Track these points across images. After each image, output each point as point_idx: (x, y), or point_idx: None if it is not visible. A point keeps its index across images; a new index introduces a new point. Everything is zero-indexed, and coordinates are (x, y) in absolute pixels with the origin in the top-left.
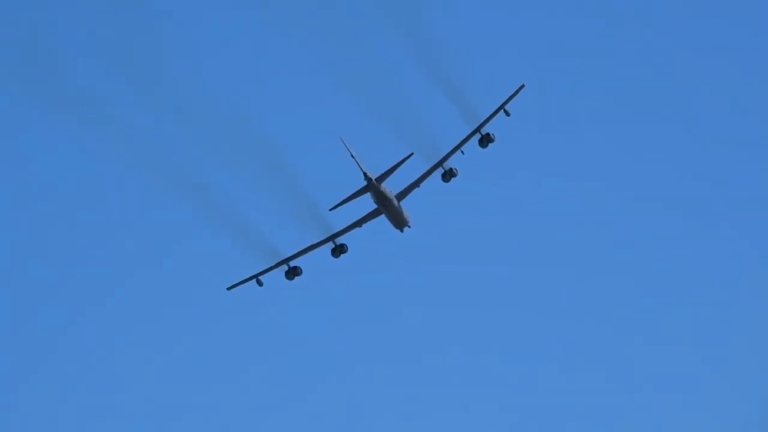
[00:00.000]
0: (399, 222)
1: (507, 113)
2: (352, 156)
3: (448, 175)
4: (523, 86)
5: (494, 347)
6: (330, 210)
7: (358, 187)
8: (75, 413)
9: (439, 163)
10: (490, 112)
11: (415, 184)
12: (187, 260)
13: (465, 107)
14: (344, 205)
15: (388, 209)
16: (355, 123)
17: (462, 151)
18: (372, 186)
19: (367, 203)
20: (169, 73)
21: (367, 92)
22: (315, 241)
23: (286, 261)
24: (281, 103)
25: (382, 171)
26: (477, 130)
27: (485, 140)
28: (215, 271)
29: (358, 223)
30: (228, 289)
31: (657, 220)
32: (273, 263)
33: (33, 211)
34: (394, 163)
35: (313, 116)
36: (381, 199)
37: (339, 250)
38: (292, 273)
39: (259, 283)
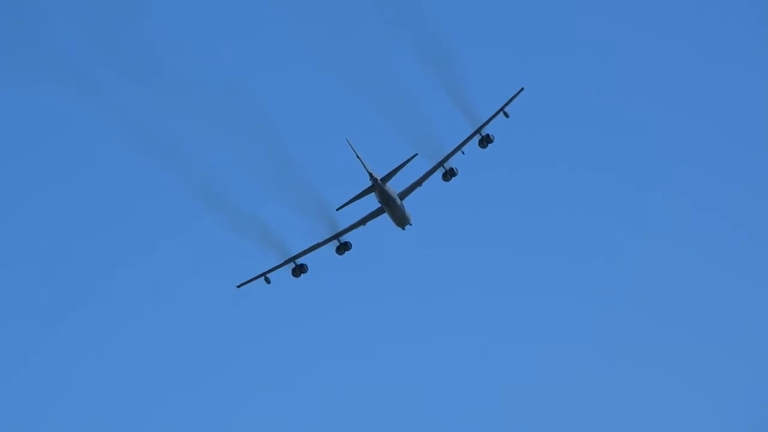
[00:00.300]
0: (401, 220)
1: (506, 115)
2: (357, 157)
3: (449, 174)
4: (522, 90)
5: (493, 338)
6: (337, 210)
7: (363, 187)
8: (81, 407)
9: (441, 163)
10: (490, 114)
11: (417, 183)
12: (198, 259)
13: (465, 109)
14: (347, 204)
15: (392, 208)
16: (358, 123)
17: (462, 152)
18: (377, 186)
19: (370, 202)
20: (174, 72)
21: (371, 94)
22: (321, 240)
23: (293, 259)
24: (285, 102)
25: (386, 171)
26: (478, 131)
27: (485, 141)
28: (224, 270)
29: (362, 222)
30: (238, 286)
31: (655, 216)
32: (280, 261)
33: (31, 209)
34: (399, 164)
35: (318, 117)
36: (385, 198)
37: (343, 248)
38: (299, 270)
39: (267, 281)
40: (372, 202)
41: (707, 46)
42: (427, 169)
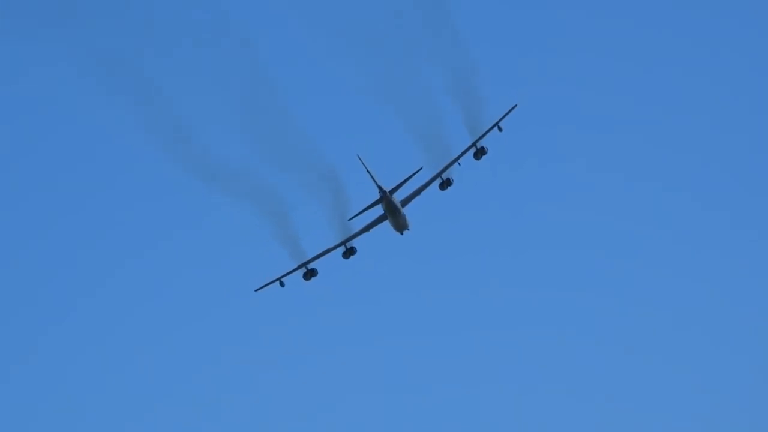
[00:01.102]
0: (400, 226)
1: (500, 129)
2: (367, 171)
3: (445, 184)
4: (515, 106)
5: (491, 334)
6: (349, 219)
7: (368, 194)
8: (89, 404)
9: (439, 174)
10: (486, 129)
11: (417, 192)
12: (216, 262)
13: (462, 123)
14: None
15: (395, 216)
16: (364, 129)
17: (459, 163)
18: (385, 198)
19: (375, 209)
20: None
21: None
22: (330, 246)
23: (304, 264)
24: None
25: (389, 177)
26: (473, 144)
27: (479, 153)
28: (242, 273)
29: (367, 228)
30: (256, 290)
31: (657, 215)
32: (293, 266)
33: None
34: (405, 177)
35: (326, 120)
36: (391, 208)
37: (349, 252)
38: (310, 274)
39: (282, 284)
40: (376, 209)
41: (708, 46)
42: (428, 178)
